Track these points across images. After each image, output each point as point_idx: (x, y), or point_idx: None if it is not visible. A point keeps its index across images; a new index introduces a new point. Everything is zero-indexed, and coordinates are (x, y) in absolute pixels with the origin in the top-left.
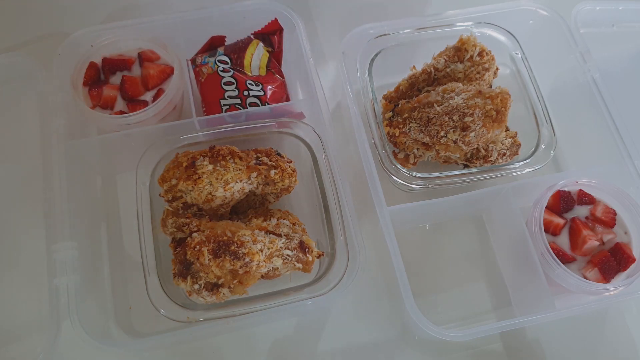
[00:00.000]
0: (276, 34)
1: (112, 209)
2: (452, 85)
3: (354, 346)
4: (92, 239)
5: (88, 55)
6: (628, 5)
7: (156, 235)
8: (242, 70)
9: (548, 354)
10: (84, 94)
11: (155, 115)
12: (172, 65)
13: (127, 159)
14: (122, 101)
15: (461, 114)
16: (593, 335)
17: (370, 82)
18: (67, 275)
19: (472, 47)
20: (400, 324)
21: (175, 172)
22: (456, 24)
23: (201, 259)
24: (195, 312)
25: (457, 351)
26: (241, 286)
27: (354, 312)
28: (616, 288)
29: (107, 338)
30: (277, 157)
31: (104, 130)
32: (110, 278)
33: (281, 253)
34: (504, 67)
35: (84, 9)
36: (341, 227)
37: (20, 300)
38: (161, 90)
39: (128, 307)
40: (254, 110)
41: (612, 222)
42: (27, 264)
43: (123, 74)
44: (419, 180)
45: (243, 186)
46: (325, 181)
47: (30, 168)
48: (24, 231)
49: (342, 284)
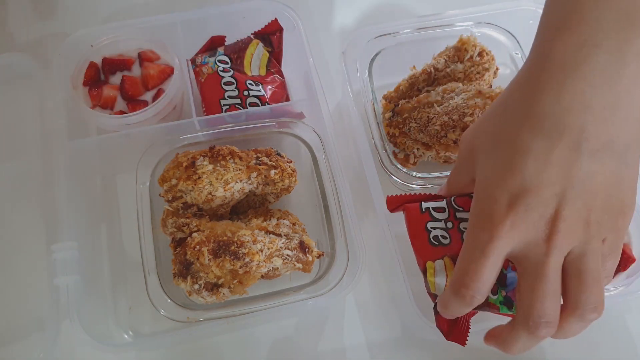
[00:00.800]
0: (276, 34)
1: (112, 209)
2: (452, 85)
3: (354, 346)
4: (92, 239)
5: (88, 55)
6: None
7: (156, 235)
8: (242, 70)
9: (548, 354)
10: (84, 94)
11: (155, 115)
12: (172, 65)
13: (127, 159)
14: (122, 101)
15: (461, 114)
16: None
17: (370, 82)
18: (67, 275)
19: (472, 47)
20: (400, 324)
21: (175, 172)
22: (456, 24)
23: (201, 259)
24: (195, 312)
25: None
26: (241, 286)
27: (353, 312)
28: (616, 288)
29: (107, 338)
30: (277, 157)
31: (104, 130)
32: (110, 278)
33: (281, 253)
34: (504, 67)
35: (84, 9)
36: (341, 227)
37: (20, 300)
38: (161, 90)
39: (128, 307)
40: (254, 110)
41: None
42: (27, 264)
43: (123, 74)
44: (419, 180)
45: (243, 186)
46: (325, 181)
47: (30, 168)
48: (23, 231)
49: (342, 284)
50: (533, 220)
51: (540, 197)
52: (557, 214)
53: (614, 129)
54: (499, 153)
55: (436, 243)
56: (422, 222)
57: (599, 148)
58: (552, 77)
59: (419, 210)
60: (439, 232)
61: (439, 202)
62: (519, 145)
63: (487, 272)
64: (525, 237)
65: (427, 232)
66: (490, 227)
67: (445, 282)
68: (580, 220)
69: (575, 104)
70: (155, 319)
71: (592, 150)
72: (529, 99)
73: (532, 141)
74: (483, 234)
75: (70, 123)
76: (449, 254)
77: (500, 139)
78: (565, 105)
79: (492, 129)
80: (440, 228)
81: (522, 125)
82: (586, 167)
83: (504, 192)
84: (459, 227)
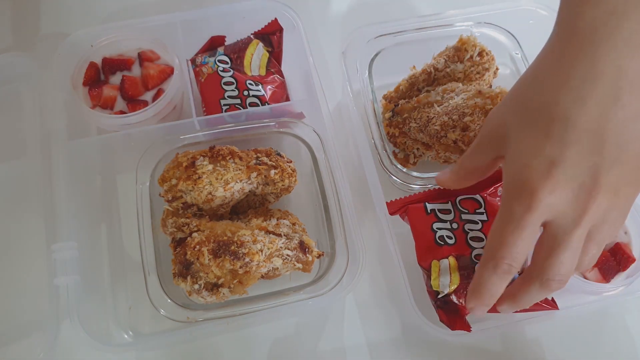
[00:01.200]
0: (276, 34)
1: (112, 209)
2: (452, 85)
3: (354, 346)
4: (92, 239)
5: (88, 55)
6: None
7: (156, 235)
8: (242, 70)
9: (548, 354)
10: (84, 94)
11: (155, 115)
12: (172, 65)
13: (127, 159)
14: (122, 101)
15: (461, 114)
16: (593, 335)
17: (370, 82)
18: (67, 275)
19: (472, 47)
20: (400, 324)
21: (175, 172)
22: (456, 24)
23: (201, 259)
24: (195, 312)
25: (457, 351)
26: (241, 286)
27: (353, 312)
28: (616, 288)
29: (107, 338)
30: (277, 157)
31: (104, 130)
32: (110, 278)
33: (281, 253)
34: (504, 67)
35: (84, 9)
36: (341, 227)
37: (20, 300)
38: (161, 90)
39: (128, 307)
40: (254, 110)
41: None
42: (27, 264)
43: (123, 74)
44: (419, 180)
45: (243, 186)
46: (325, 181)
47: (30, 168)
48: (23, 231)
49: (342, 284)
50: (573, 190)
51: (580, 167)
52: (595, 183)
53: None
54: (534, 123)
55: (442, 243)
56: (428, 223)
57: (632, 117)
58: (583, 47)
59: (425, 211)
60: (445, 233)
61: (444, 204)
62: (555, 113)
63: (523, 243)
64: (562, 206)
65: (434, 232)
66: (528, 197)
67: (449, 279)
68: (611, 191)
69: (609, 71)
70: (155, 319)
71: (627, 119)
72: (562, 67)
73: (569, 109)
74: (519, 206)
75: (70, 123)
76: (454, 254)
77: (535, 109)
78: (598, 73)
79: (522, 100)
80: (446, 229)
81: (558, 93)
82: (621, 135)
83: (542, 161)
84: (464, 228)
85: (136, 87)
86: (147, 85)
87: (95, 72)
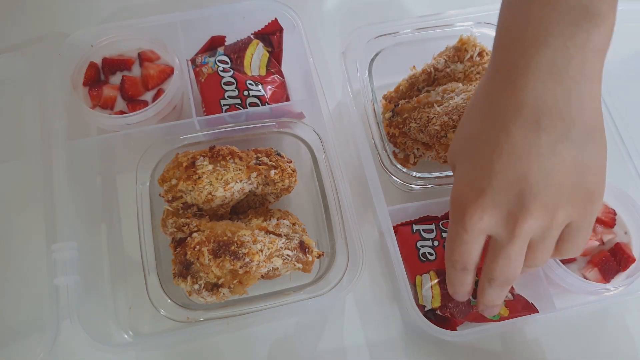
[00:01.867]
0: (276, 34)
1: (112, 209)
2: (452, 85)
3: (354, 346)
4: (92, 239)
5: (88, 56)
6: (628, 5)
7: (156, 235)
8: (242, 70)
9: (548, 354)
10: (84, 94)
11: (155, 115)
12: (172, 65)
13: (127, 159)
14: (122, 101)
15: (461, 114)
16: (593, 335)
17: (370, 82)
18: (67, 275)
19: (472, 47)
20: (400, 324)
21: (175, 172)
22: (456, 24)
23: (201, 259)
24: (195, 312)
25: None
26: (241, 286)
27: (353, 312)
28: (616, 288)
29: (107, 338)
30: (277, 157)
31: (104, 130)
32: (110, 278)
33: (281, 253)
34: None
35: (84, 9)
36: (341, 227)
37: (20, 300)
38: (161, 90)
39: (128, 307)
40: (254, 110)
41: (612, 222)
42: (27, 264)
43: (123, 74)
44: (419, 180)
45: (243, 186)
46: (325, 181)
47: (30, 168)
48: (23, 231)
49: (342, 284)
50: (502, 215)
51: (506, 194)
52: (521, 209)
53: (570, 120)
54: (469, 154)
55: (424, 259)
56: (412, 242)
57: (556, 140)
58: (506, 78)
59: (410, 231)
60: (427, 250)
61: (429, 225)
62: (482, 144)
63: (468, 251)
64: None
65: (417, 250)
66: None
67: (431, 293)
68: (546, 213)
69: (529, 100)
70: (155, 319)
71: (551, 143)
72: (488, 99)
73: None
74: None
75: (70, 123)
76: (434, 269)
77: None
78: (519, 103)
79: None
80: (428, 246)
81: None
82: (547, 160)
83: (473, 190)
84: (444, 245)
85: (136, 87)
86: (147, 86)
87: (95, 72)
